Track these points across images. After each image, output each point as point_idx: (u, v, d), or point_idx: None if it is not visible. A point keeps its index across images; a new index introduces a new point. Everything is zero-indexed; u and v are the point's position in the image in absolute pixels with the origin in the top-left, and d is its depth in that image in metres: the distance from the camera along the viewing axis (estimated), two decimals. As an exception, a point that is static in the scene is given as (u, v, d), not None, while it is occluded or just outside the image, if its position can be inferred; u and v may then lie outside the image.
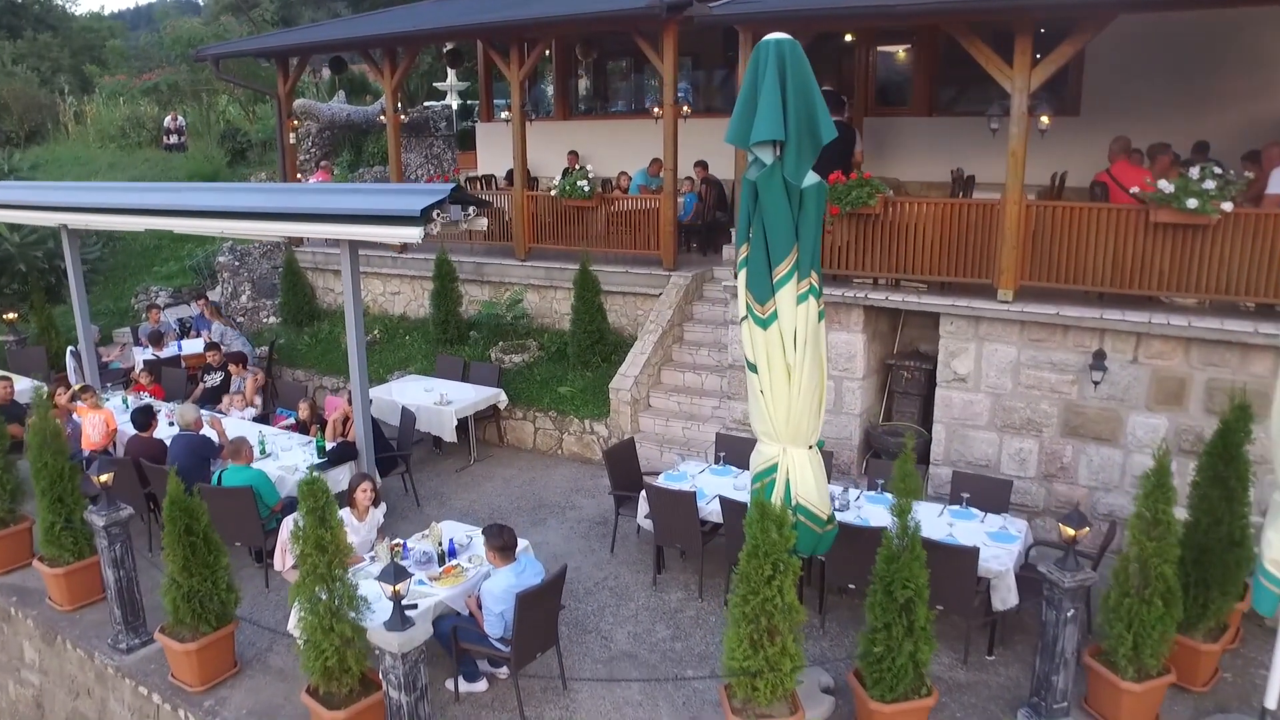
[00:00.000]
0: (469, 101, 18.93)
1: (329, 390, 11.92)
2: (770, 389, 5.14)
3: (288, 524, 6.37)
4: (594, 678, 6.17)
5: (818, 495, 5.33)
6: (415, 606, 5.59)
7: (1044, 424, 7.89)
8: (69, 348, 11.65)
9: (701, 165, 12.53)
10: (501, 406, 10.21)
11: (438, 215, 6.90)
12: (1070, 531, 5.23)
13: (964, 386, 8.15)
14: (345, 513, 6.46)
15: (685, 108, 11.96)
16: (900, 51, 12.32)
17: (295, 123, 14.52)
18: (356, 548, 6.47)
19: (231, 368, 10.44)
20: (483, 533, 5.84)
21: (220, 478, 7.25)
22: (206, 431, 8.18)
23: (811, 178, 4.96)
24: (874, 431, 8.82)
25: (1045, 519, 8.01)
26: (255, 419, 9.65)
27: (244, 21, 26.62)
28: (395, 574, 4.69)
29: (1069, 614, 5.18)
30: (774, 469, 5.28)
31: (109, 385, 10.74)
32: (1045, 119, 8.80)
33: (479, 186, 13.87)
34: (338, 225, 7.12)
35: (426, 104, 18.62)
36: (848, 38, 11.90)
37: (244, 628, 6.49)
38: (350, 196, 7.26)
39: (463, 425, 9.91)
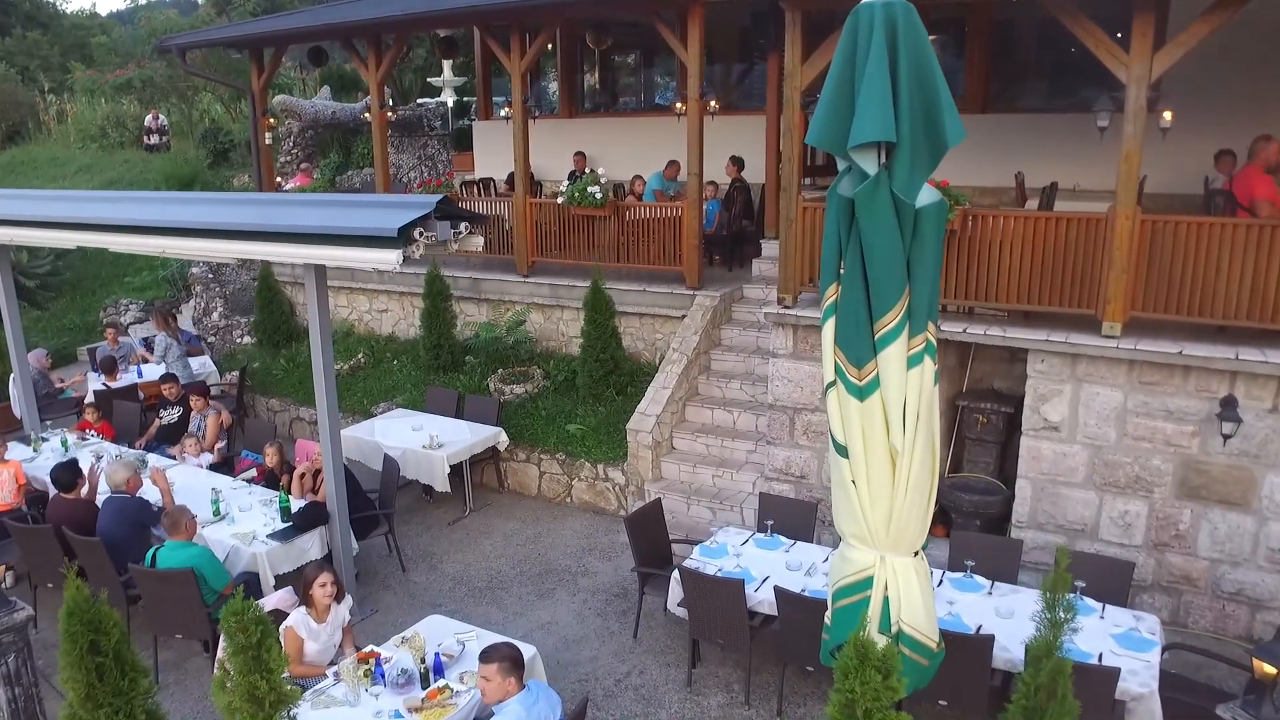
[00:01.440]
0: (466, 99, 17.57)
1: (306, 423, 10.56)
2: (866, 480, 3.79)
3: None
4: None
5: (925, 618, 3.98)
6: (389, 757, 4.25)
7: (1156, 483, 6.54)
8: (11, 375, 10.28)
9: (736, 162, 11.17)
10: (501, 448, 8.86)
11: (420, 235, 5.55)
12: (1270, 670, 3.88)
13: (1056, 436, 6.80)
14: (300, 614, 5.09)
15: (713, 102, 10.59)
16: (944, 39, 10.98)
17: (273, 120, 13.16)
18: (315, 657, 5.11)
19: (192, 402, 9.07)
20: (481, 657, 4.46)
21: (155, 557, 5.88)
22: (147, 490, 6.82)
23: (929, 194, 3.62)
24: (940, 485, 7.45)
25: (1154, 595, 6.68)
26: (214, 466, 8.28)
27: (227, 12, 25.23)
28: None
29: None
30: (867, 584, 3.93)
31: (48, 422, 9.37)
32: (1168, 115, 7.43)
33: (476, 191, 12.52)
34: (295, 246, 5.77)
35: (420, 101, 17.24)
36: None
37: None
38: (313, 210, 5.90)
39: (457, 468, 8.56)
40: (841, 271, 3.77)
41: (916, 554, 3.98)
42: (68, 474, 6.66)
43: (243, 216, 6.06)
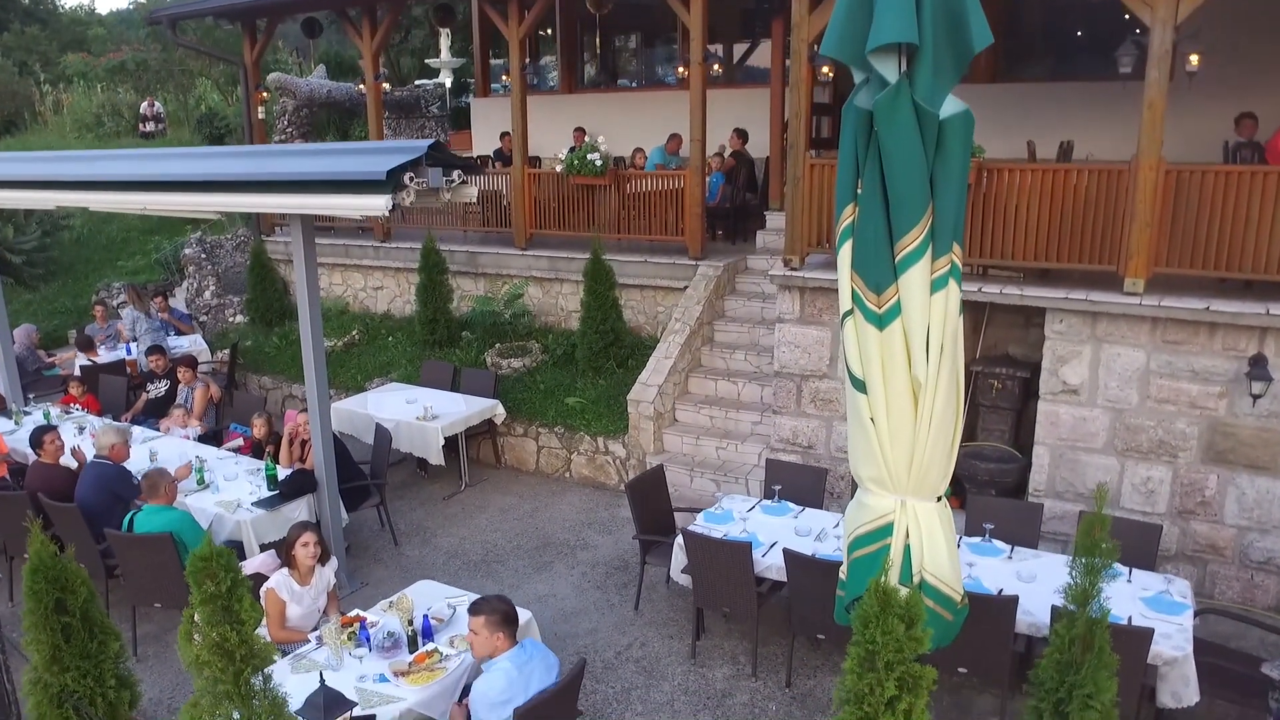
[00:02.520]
0: (466, 80, 17.31)
1: (299, 400, 10.29)
2: (886, 416, 3.51)
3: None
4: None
5: (949, 568, 3.70)
6: (372, 719, 3.97)
7: (1180, 447, 6.26)
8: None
9: (740, 134, 10.89)
10: (498, 421, 8.58)
11: (411, 180, 5.27)
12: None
13: (1075, 400, 6.52)
14: (281, 575, 4.82)
15: (716, 66, 10.30)
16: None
17: (265, 95, 12.88)
18: (298, 621, 4.83)
19: (180, 374, 8.80)
20: (470, 609, 4.20)
21: (132, 522, 5.61)
22: (143, 465, 6.53)
23: (954, 104, 3.34)
24: (955, 454, 7.17)
25: (1178, 565, 6.39)
26: (202, 438, 8.00)
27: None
28: (326, 704, 3.05)
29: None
30: (887, 531, 3.65)
31: (32, 398, 9.10)
32: (1194, 58, 7.14)
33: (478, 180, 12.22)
34: (279, 195, 5.49)
35: (418, 82, 16.97)
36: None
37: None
38: (298, 159, 5.64)
39: (452, 444, 8.29)
40: (859, 192, 3.49)
41: (939, 500, 3.70)
42: (39, 435, 6.39)
43: (225, 168, 5.78)
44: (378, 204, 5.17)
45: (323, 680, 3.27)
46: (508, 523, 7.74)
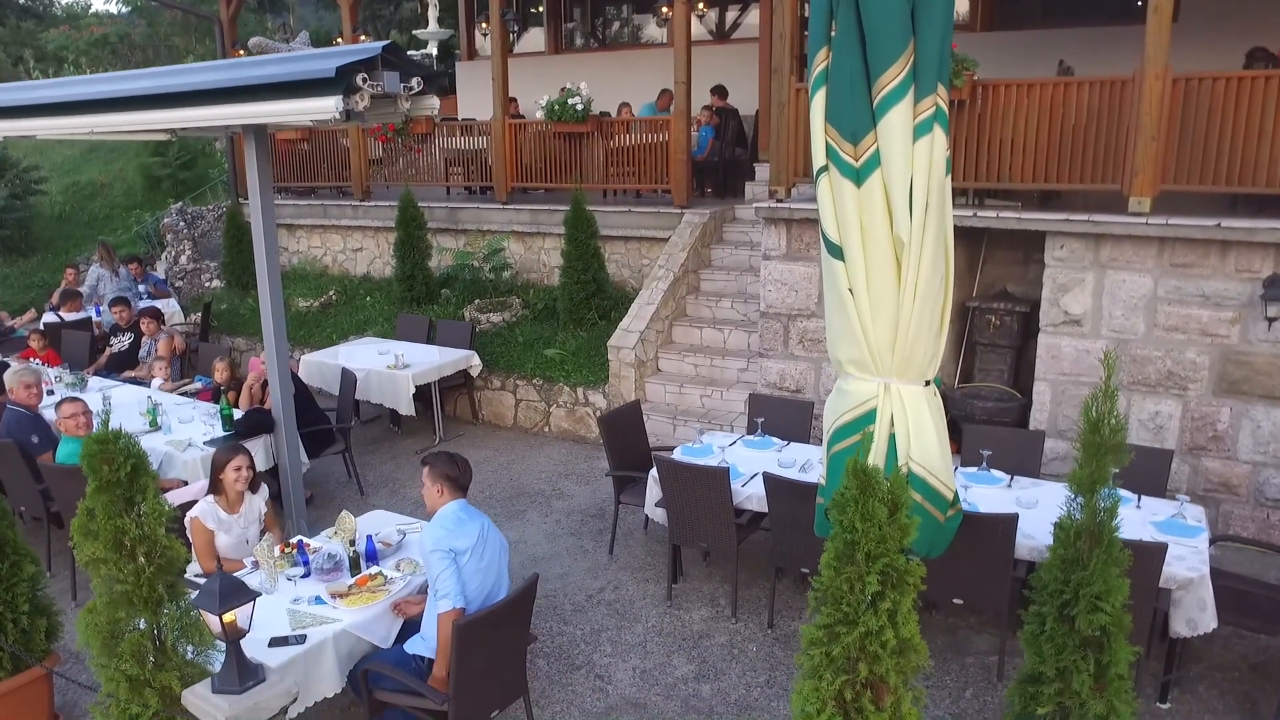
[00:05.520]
0: (456, 53, 16.94)
1: (272, 360, 9.92)
2: (866, 285, 3.13)
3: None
4: (584, 739, 4.19)
5: (940, 460, 3.32)
6: (301, 640, 3.59)
7: (1191, 378, 5.87)
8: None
9: (719, 92, 10.52)
10: (474, 373, 8.20)
11: (365, 82, 4.90)
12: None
13: (1078, 331, 6.13)
14: (206, 504, 4.42)
15: (700, 4, 9.93)
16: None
17: (242, 54, 12.52)
18: (230, 552, 4.43)
19: (144, 325, 8.43)
20: (423, 462, 3.92)
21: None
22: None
23: (938, -76, 2.95)
24: (951, 395, 6.79)
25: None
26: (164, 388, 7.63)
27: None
28: (223, 592, 2.67)
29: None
30: (870, 418, 3.26)
31: (-8, 352, 8.74)
32: None
33: (459, 132, 11.85)
34: (225, 106, 5.13)
35: (408, 54, 16.61)
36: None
37: (76, 667, 4.51)
38: (245, 69, 5.27)
39: (427, 398, 7.92)
40: (833, 34, 3.11)
41: (928, 384, 3.32)
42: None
43: (170, 82, 5.43)
44: (327, 105, 4.79)
45: (220, 569, 2.89)
46: (481, 474, 7.36)
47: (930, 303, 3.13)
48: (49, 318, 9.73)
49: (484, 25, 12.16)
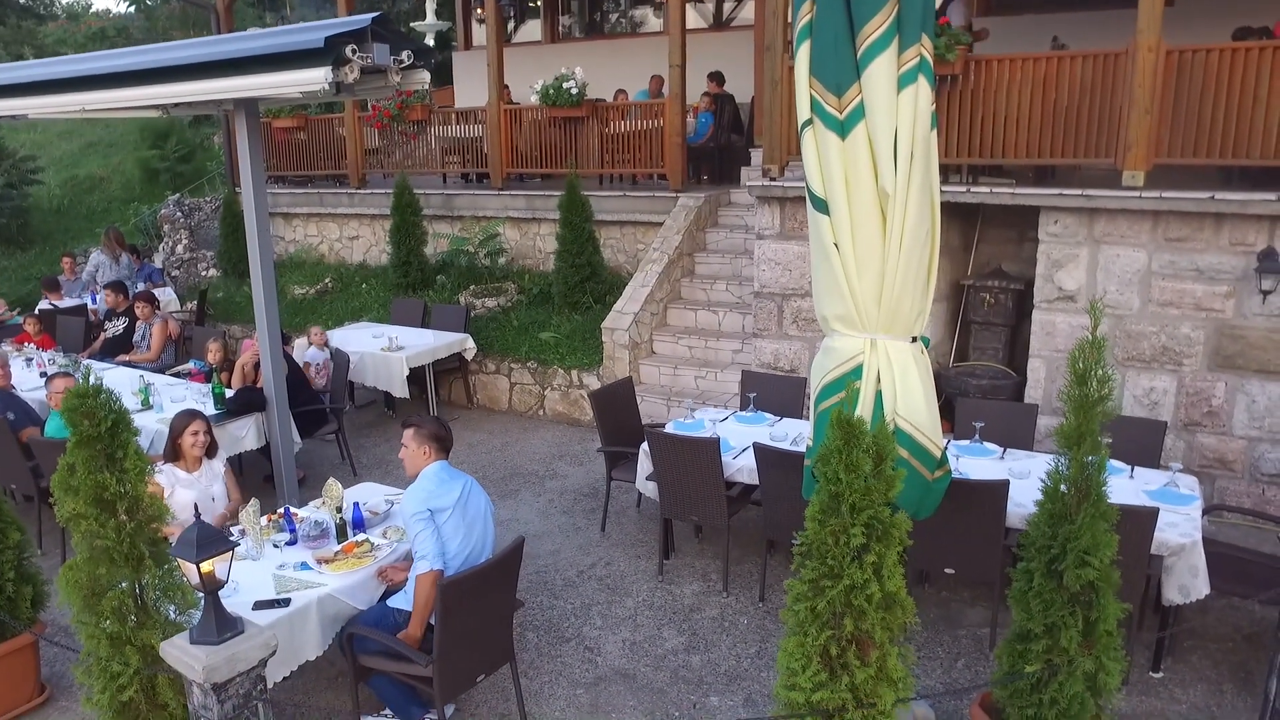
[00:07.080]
0: (454, 44, 16.94)
1: (268, 347, 9.90)
2: (851, 239, 3.11)
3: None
4: (573, 707, 4.16)
5: (928, 417, 3.30)
6: (286, 603, 3.57)
7: (1185, 353, 5.85)
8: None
9: (715, 78, 10.49)
10: (469, 356, 8.19)
11: (355, 54, 4.88)
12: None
13: (1073, 307, 6.11)
14: (166, 469, 4.39)
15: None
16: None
17: (238, 44, 12.50)
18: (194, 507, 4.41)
19: (138, 310, 8.41)
20: (406, 424, 3.90)
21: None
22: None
23: None
24: (946, 374, 6.78)
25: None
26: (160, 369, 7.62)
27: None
28: (200, 541, 2.65)
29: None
30: (856, 373, 3.24)
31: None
32: None
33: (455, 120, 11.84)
34: (215, 80, 5.13)
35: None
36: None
37: (66, 641, 4.48)
38: (235, 42, 5.27)
39: (422, 381, 7.91)
40: (818, -12, 3.09)
41: (915, 341, 3.29)
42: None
43: (158, 57, 5.42)
44: (316, 76, 4.78)
45: (198, 514, 2.87)
46: (475, 456, 7.35)
47: (916, 255, 3.11)
48: (45, 304, 9.73)
49: (479, 11, 12.12)
